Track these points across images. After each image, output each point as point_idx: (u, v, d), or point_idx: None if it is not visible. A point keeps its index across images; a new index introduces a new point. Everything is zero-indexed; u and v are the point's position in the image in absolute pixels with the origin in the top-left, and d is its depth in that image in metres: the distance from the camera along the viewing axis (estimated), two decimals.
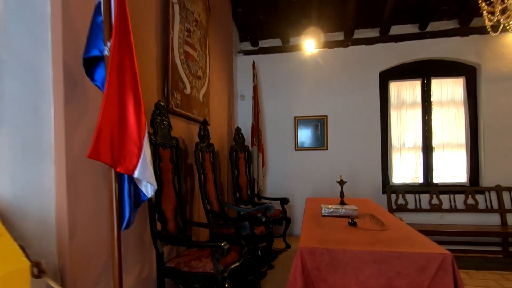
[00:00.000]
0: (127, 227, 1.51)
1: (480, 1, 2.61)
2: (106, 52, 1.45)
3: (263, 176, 4.27)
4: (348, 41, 4.50)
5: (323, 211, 2.42)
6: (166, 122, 2.13)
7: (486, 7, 2.58)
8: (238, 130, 3.81)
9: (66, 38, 1.47)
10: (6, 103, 1.25)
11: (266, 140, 4.63)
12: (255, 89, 4.26)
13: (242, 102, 4.76)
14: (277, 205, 3.59)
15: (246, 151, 3.89)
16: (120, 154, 1.43)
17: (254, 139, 4.13)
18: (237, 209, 3.15)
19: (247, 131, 4.29)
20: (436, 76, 4.27)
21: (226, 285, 1.68)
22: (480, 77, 4.06)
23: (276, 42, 4.81)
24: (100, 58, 1.51)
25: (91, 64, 1.50)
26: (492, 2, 2.57)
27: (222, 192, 3.62)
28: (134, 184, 1.56)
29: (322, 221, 2.22)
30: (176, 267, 1.79)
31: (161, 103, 2.06)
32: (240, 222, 2.21)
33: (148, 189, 1.60)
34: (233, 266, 1.84)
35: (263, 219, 2.47)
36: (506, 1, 2.35)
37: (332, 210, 2.38)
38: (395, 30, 4.37)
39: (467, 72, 4.17)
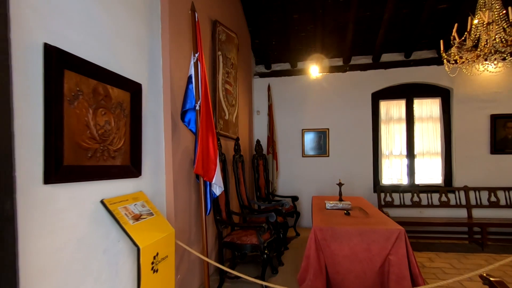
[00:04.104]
0: (208, 213, 2.47)
1: (442, 52, 3.55)
2: (197, 107, 2.40)
3: (276, 178, 5.23)
4: (346, 66, 5.44)
5: (326, 205, 3.37)
6: (219, 143, 3.07)
7: (445, 56, 3.52)
8: (258, 142, 4.77)
9: (172, 98, 2.43)
10: (147, 140, 2.20)
11: (278, 148, 5.58)
12: (270, 108, 5.21)
13: (258, 116, 5.70)
14: (288, 201, 4.53)
15: (264, 159, 4.85)
16: (206, 169, 2.39)
17: (270, 148, 5.09)
18: (260, 204, 4.11)
19: (263, 141, 5.23)
20: (418, 97, 5.23)
21: (266, 251, 2.64)
22: (453, 98, 5.01)
23: (286, 65, 5.75)
24: (189, 109, 2.46)
25: (183, 112, 2.44)
26: (452, 53, 3.51)
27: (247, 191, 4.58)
28: (210, 187, 2.52)
29: (326, 212, 3.18)
30: (232, 241, 2.76)
31: (217, 131, 3.01)
32: (268, 212, 3.16)
33: (217, 190, 2.56)
34: (268, 240, 2.80)
35: (283, 211, 3.43)
36: (457, 54, 3.29)
37: (333, 204, 3.34)
38: (385, 57, 5.32)
39: (443, 94, 5.13)
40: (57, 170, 1.39)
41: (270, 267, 3.12)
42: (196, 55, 2.40)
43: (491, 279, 2.02)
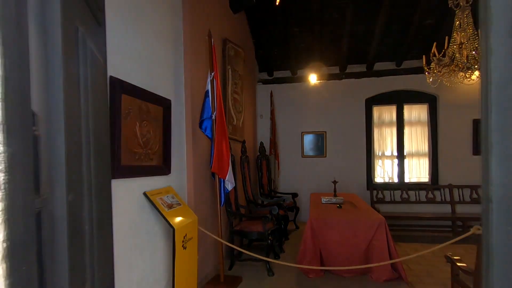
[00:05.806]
0: (222, 205, 2.95)
1: (424, 65, 4.03)
2: (213, 117, 2.88)
3: (278, 176, 5.72)
4: (342, 74, 5.92)
5: (322, 200, 3.86)
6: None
7: (427, 69, 4.00)
8: (262, 144, 5.25)
9: (192, 110, 2.91)
10: (173, 145, 2.68)
11: (280, 149, 6.07)
12: (272, 112, 5.70)
13: (261, 120, 6.19)
14: (288, 197, 5.03)
15: (267, 159, 5.33)
16: (220, 168, 2.87)
17: (272, 149, 5.58)
18: (263, 199, 4.60)
19: (266, 143, 5.71)
20: (407, 103, 5.71)
21: (270, 238, 3.13)
22: (439, 104, 5.49)
23: (287, 73, 6.23)
24: (205, 118, 2.94)
25: (201, 121, 2.93)
26: (432, 67, 3.99)
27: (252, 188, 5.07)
28: (223, 183, 3.01)
29: (322, 205, 3.67)
30: (241, 229, 3.25)
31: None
32: (271, 206, 3.65)
33: (229, 185, 3.04)
34: (271, 229, 3.29)
35: (285, 206, 3.92)
36: (436, 69, 3.77)
37: (328, 199, 3.83)
38: (378, 66, 5.79)
39: (430, 100, 5.61)
40: (118, 169, 1.88)
41: (273, 253, 3.61)
42: (212, 74, 2.89)
43: (453, 257, 2.53)
